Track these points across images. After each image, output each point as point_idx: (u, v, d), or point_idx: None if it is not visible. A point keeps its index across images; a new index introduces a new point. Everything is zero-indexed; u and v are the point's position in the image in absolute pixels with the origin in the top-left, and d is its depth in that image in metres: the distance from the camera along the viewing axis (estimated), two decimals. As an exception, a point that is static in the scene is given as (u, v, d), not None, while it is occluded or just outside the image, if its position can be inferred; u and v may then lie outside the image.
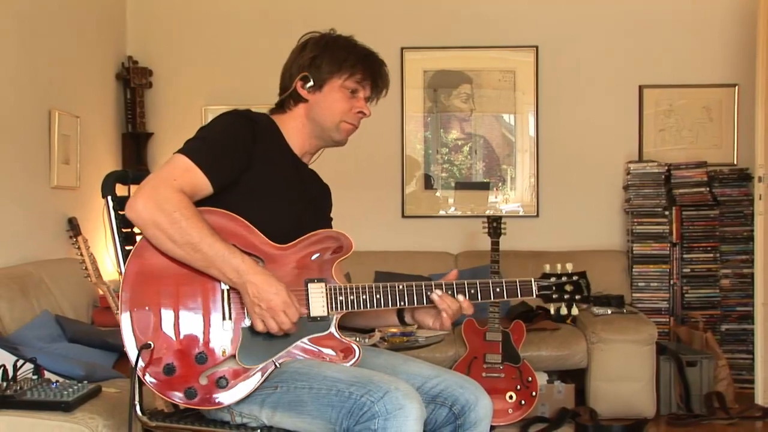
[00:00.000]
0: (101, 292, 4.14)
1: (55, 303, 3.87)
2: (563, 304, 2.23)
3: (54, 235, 4.39)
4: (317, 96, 2.27)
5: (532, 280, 2.21)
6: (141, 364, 1.99)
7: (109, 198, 2.21)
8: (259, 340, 2.04)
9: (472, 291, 2.19)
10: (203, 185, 2.05)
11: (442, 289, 2.17)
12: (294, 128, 2.30)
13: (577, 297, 2.23)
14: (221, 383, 2.00)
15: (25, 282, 3.71)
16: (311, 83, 2.26)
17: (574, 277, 2.24)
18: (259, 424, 2.05)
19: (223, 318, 2.03)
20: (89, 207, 4.76)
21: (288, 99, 2.31)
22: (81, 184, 4.69)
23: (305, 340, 2.09)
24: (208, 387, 1.99)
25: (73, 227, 4.47)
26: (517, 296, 2.20)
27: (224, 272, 1.99)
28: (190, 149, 2.07)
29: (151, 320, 2.00)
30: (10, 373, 2.57)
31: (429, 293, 2.16)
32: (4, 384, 2.52)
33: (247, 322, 2.04)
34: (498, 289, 2.18)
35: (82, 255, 4.38)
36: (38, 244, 4.22)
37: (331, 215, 2.54)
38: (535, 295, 2.21)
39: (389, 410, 1.87)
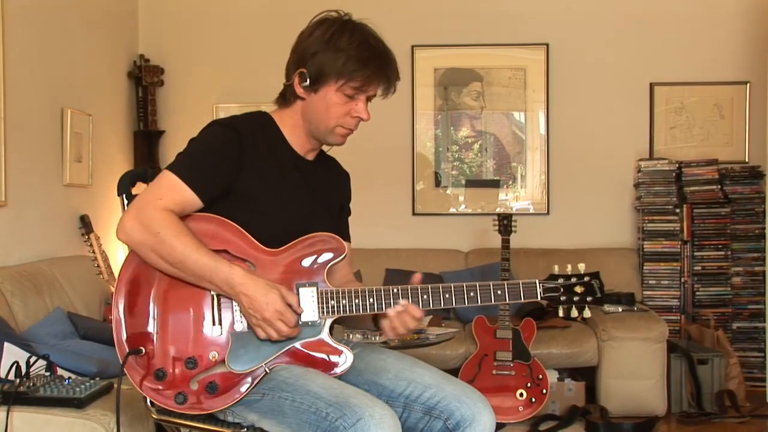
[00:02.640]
0: (113, 290, 4.17)
1: (67, 300, 3.90)
2: (574, 307, 2.11)
3: (66, 232, 4.41)
4: (312, 97, 2.16)
5: (536, 281, 2.10)
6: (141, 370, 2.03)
7: (124, 197, 2.24)
8: (250, 345, 2.04)
9: (472, 294, 2.08)
10: (191, 201, 2.06)
11: (428, 293, 2.08)
12: (292, 126, 2.23)
13: (589, 299, 2.13)
14: (211, 388, 2.00)
15: (38, 279, 3.73)
16: (307, 83, 2.14)
17: (586, 278, 2.14)
18: (248, 424, 2.06)
19: (213, 323, 2.04)
20: (101, 205, 4.79)
21: (288, 91, 2.23)
22: (93, 182, 4.72)
23: (296, 345, 2.07)
24: (198, 392, 2.00)
25: (86, 225, 4.50)
26: (521, 299, 2.10)
27: (217, 285, 2.00)
28: (175, 166, 2.09)
29: (142, 326, 2.03)
30: (23, 370, 2.59)
31: (395, 301, 2.07)
32: (18, 380, 2.54)
33: (237, 327, 2.05)
34: (499, 292, 2.09)
35: (94, 252, 4.42)
36: (51, 241, 4.24)
37: (350, 205, 2.49)
38: (540, 298, 2.10)
39: None
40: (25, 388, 2.50)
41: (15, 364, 2.59)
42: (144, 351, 2.01)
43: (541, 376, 4.23)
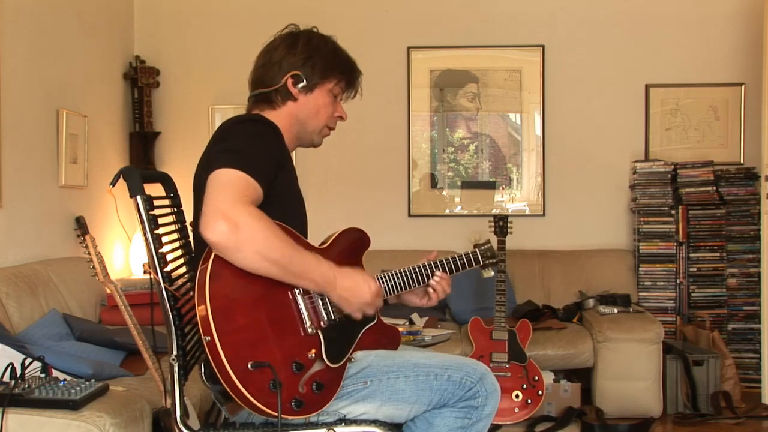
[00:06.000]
0: (109, 291, 4.16)
1: (62, 302, 3.89)
2: (489, 268, 2.59)
3: (62, 234, 4.41)
4: (307, 98, 2.29)
5: (477, 250, 2.54)
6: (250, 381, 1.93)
7: (138, 198, 2.07)
8: (335, 339, 2.09)
9: (444, 267, 2.46)
10: (260, 197, 2.01)
11: (434, 270, 2.43)
12: (283, 128, 2.26)
13: (494, 260, 2.59)
14: (317, 387, 2.00)
15: (33, 281, 3.73)
16: (303, 83, 2.27)
17: (488, 245, 2.60)
18: (338, 417, 2.09)
19: (303, 323, 2.04)
20: (97, 206, 4.78)
21: (275, 94, 2.29)
22: (89, 183, 4.71)
23: (363, 331, 2.21)
24: (308, 393, 1.99)
25: (81, 226, 4.48)
26: (473, 265, 2.52)
27: (315, 280, 2.02)
28: (239, 162, 1.98)
29: (249, 340, 1.94)
30: (18, 372, 2.58)
31: (429, 278, 2.42)
32: (13, 382, 2.53)
33: (323, 323, 2.07)
34: (461, 262, 2.48)
35: (89, 254, 4.40)
36: (46, 243, 4.24)
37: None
38: (482, 262, 2.54)
39: (489, 390, 2.13)
40: (20, 389, 2.49)
41: (10, 366, 2.58)
42: (268, 365, 1.92)
43: (536, 378, 4.24)
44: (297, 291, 2.05)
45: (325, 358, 2.04)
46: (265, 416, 1.95)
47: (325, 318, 2.08)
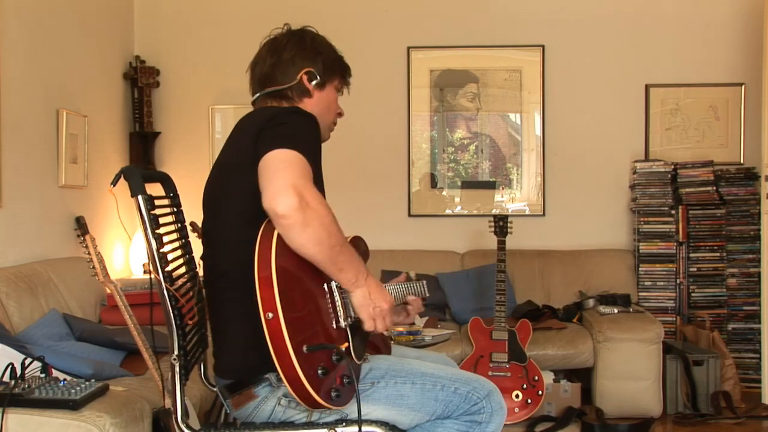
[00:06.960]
0: (109, 291, 4.16)
1: (62, 302, 3.89)
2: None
3: (62, 234, 4.40)
4: (320, 94, 2.32)
5: (424, 282, 2.63)
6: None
7: (140, 198, 2.02)
8: (356, 336, 2.09)
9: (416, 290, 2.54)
10: None
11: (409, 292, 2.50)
12: None
13: (428, 296, 2.66)
14: (347, 381, 1.98)
15: (33, 281, 3.73)
16: (317, 80, 2.29)
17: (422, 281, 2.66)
18: (339, 416, 2.08)
19: (338, 315, 2.04)
20: (97, 206, 4.78)
21: (290, 91, 2.29)
22: (89, 183, 4.71)
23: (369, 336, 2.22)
24: (340, 386, 1.96)
25: (81, 226, 4.47)
26: (427, 294, 2.61)
27: (348, 274, 2.00)
28: (299, 147, 1.97)
29: (305, 322, 1.92)
30: (18, 372, 2.58)
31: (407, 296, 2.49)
32: (13, 382, 2.53)
33: (349, 320, 2.07)
34: (419, 289, 2.56)
35: (89, 254, 4.40)
36: (46, 243, 4.24)
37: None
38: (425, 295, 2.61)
39: (494, 408, 2.14)
40: (20, 389, 2.49)
41: (10, 366, 2.58)
42: (334, 347, 1.92)
43: (536, 378, 4.24)
44: (335, 284, 2.04)
45: (352, 353, 2.05)
46: (311, 405, 1.90)
47: (352, 315, 2.07)
